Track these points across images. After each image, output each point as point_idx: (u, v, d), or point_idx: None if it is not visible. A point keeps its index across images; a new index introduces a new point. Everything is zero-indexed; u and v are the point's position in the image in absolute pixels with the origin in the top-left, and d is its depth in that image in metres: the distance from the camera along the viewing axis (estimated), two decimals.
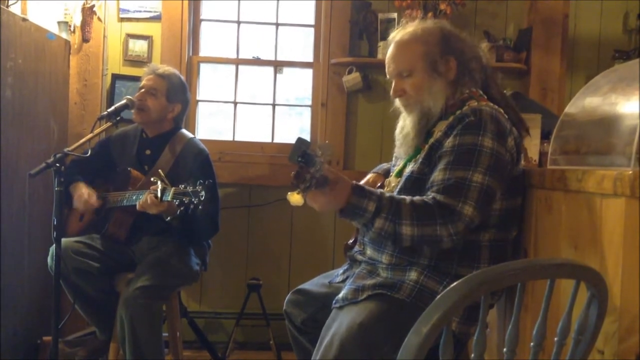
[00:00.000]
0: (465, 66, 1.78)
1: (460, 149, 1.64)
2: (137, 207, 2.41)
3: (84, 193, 2.59)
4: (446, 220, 1.56)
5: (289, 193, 1.47)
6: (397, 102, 1.86)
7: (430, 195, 1.62)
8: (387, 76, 1.85)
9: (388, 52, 1.84)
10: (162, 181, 2.34)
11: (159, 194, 2.32)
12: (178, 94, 2.71)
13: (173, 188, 2.30)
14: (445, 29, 1.81)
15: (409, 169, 1.77)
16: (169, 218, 2.39)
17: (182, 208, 2.25)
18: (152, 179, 2.39)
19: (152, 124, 2.68)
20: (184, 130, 2.79)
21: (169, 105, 2.69)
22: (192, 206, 2.23)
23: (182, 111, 2.76)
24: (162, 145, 2.69)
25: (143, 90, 2.66)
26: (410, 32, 1.81)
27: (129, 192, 2.54)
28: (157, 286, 2.41)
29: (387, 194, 1.62)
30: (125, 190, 2.58)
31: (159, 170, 2.44)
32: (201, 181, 2.25)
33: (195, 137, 2.81)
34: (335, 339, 1.61)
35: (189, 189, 2.26)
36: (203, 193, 2.22)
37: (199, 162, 2.65)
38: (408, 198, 1.61)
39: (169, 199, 2.29)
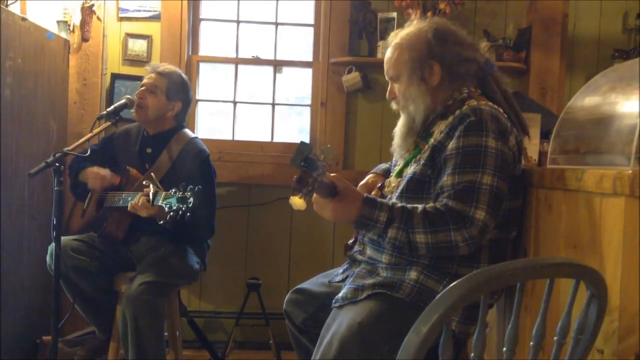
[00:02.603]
0: (451, 70, 1.77)
1: (466, 151, 1.64)
2: (129, 207, 2.39)
3: (99, 171, 2.58)
4: (459, 226, 1.57)
5: (291, 197, 1.47)
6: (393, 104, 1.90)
7: (442, 202, 1.62)
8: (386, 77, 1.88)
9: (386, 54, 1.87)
10: (154, 184, 2.32)
11: (151, 197, 2.31)
12: (178, 92, 2.69)
13: (164, 192, 2.29)
14: (438, 31, 1.79)
15: (410, 170, 1.77)
16: (162, 222, 2.34)
17: (171, 213, 2.22)
18: (144, 182, 2.39)
19: (152, 122, 2.68)
20: (186, 130, 2.76)
21: (169, 103, 2.67)
22: (180, 212, 2.20)
23: (183, 110, 2.74)
24: (163, 144, 2.68)
25: (143, 88, 2.65)
26: (402, 36, 1.82)
27: (125, 193, 2.54)
28: (160, 283, 2.41)
29: (399, 204, 1.63)
30: (123, 189, 2.58)
31: (152, 173, 2.43)
32: (191, 187, 2.22)
33: (197, 137, 2.78)
34: (335, 338, 1.61)
35: (179, 194, 2.23)
36: (191, 200, 2.20)
37: (197, 163, 2.63)
38: (420, 206, 1.62)
39: (160, 202, 2.28)
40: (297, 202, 1.45)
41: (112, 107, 2.53)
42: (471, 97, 1.76)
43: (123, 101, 2.56)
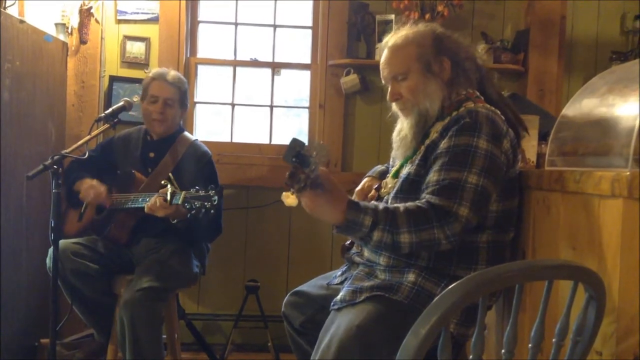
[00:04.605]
0: (459, 66, 1.79)
1: (455, 150, 1.64)
2: (145, 209, 2.41)
3: (93, 184, 2.59)
4: (442, 223, 1.57)
5: (283, 194, 1.47)
6: (394, 107, 1.87)
7: (424, 198, 1.62)
8: (383, 81, 1.86)
9: (382, 57, 1.85)
10: (172, 184, 2.36)
11: (168, 197, 2.33)
12: (186, 100, 2.75)
13: (183, 192, 2.31)
14: (437, 31, 1.82)
15: (405, 171, 1.77)
16: (175, 221, 2.40)
17: (193, 212, 2.26)
18: (162, 182, 2.42)
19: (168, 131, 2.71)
20: (186, 133, 2.79)
21: (181, 111, 2.74)
22: (204, 210, 2.26)
23: (184, 113, 2.81)
24: (165, 148, 2.69)
25: (160, 101, 2.65)
26: (403, 36, 1.81)
27: (133, 195, 2.54)
28: (159, 288, 2.41)
29: (382, 206, 1.62)
30: (128, 192, 2.58)
31: (170, 174, 2.48)
32: (212, 186, 2.29)
33: (197, 140, 2.80)
34: (333, 340, 1.61)
35: (201, 192, 2.28)
36: (216, 198, 2.26)
37: (202, 165, 2.67)
38: (402, 206, 1.60)
39: (179, 202, 2.31)
40: (289, 198, 1.45)
41: (110, 109, 2.52)
42: (468, 99, 1.76)
43: (121, 104, 2.55)
